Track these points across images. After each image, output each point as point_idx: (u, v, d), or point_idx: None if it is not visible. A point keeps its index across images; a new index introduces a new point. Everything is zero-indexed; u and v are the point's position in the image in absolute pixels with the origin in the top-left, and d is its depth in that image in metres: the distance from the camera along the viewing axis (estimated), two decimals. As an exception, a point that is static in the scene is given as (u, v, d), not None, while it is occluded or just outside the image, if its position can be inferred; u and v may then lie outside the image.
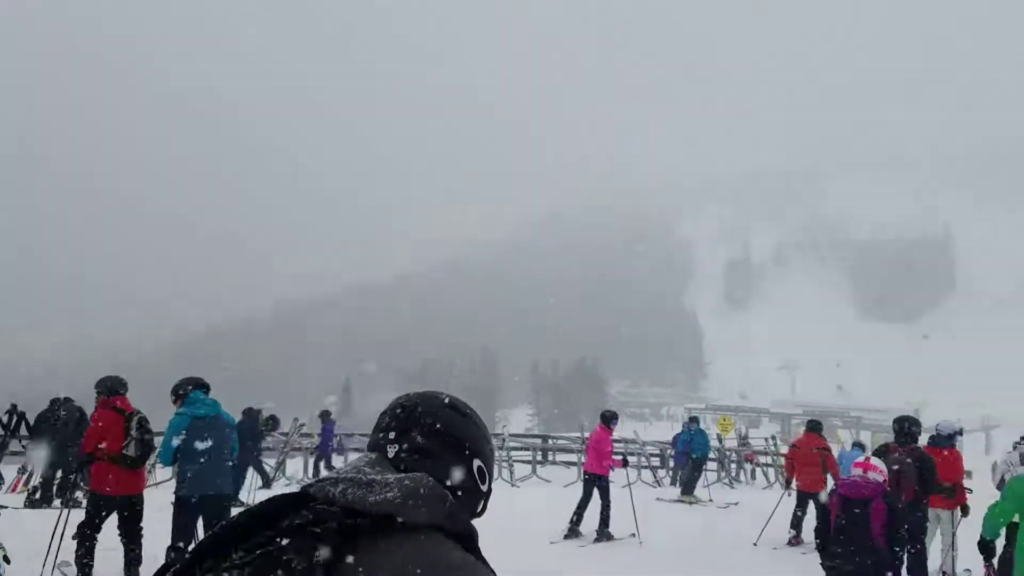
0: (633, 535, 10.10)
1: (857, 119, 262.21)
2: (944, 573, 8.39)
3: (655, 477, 19.24)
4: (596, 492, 10.20)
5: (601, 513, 10.10)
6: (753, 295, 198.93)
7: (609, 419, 10.60)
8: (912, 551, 7.20)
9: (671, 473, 19.46)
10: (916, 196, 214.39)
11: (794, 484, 10.68)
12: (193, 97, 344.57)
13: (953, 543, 7.74)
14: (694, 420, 18.69)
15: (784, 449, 17.00)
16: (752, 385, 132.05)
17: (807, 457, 10.65)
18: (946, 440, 8.70)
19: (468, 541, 1.15)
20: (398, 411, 1.35)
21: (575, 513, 10.19)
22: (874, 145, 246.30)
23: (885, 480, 5.38)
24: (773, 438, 23.77)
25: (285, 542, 1.00)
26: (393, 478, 1.14)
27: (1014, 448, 10.47)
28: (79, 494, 9.18)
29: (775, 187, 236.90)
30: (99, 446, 6.23)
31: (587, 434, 15.37)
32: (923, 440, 8.09)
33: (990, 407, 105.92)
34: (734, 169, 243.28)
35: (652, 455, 20.76)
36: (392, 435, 1.31)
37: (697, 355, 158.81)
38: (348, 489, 1.09)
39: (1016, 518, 5.33)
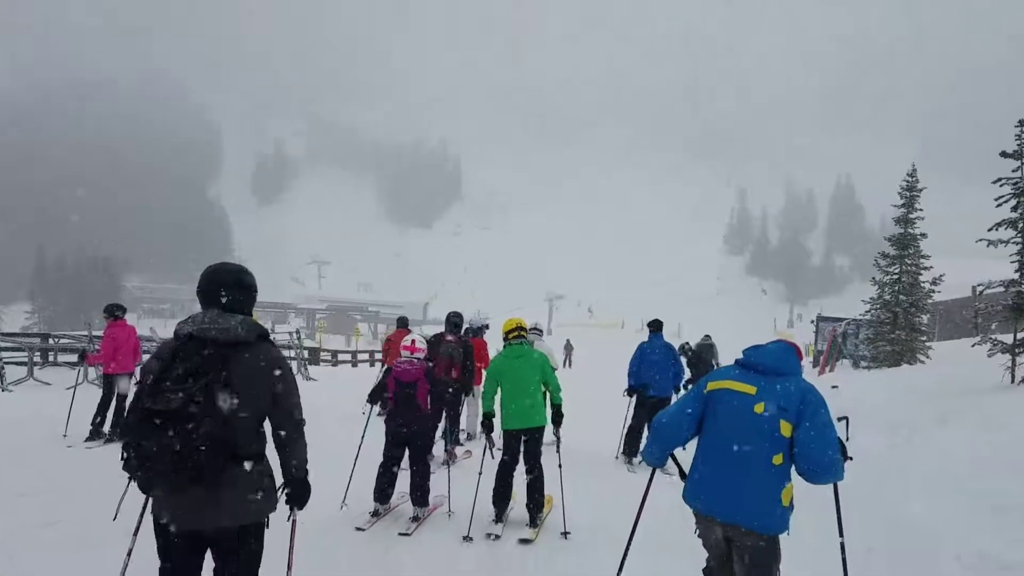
0: None
1: (364, 48, 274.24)
2: (468, 434, 11.11)
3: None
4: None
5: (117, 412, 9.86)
6: (283, 192, 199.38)
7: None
8: (453, 415, 9.44)
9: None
10: (429, 117, 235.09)
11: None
12: None
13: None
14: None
15: (308, 343, 17.99)
16: (283, 281, 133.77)
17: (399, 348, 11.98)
18: (476, 331, 10.87)
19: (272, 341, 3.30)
20: (220, 279, 3.31)
21: (96, 414, 9.89)
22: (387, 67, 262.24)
23: (424, 362, 7.00)
24: (297, 332, 24.96)
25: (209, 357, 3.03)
26: (234, 320, 3.18)
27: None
28: None
29: (299, 84, 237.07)
30: None
31: (97, 332, 14.32)
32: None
33: (482, 300, 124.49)
34: (263, 64, 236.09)
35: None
36: (223, 294, 3.24)
37: (224, 250, 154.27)
38: (214, 329, 3.11)
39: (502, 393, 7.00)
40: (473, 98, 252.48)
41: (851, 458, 3.69)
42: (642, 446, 9.41)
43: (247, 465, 3.18)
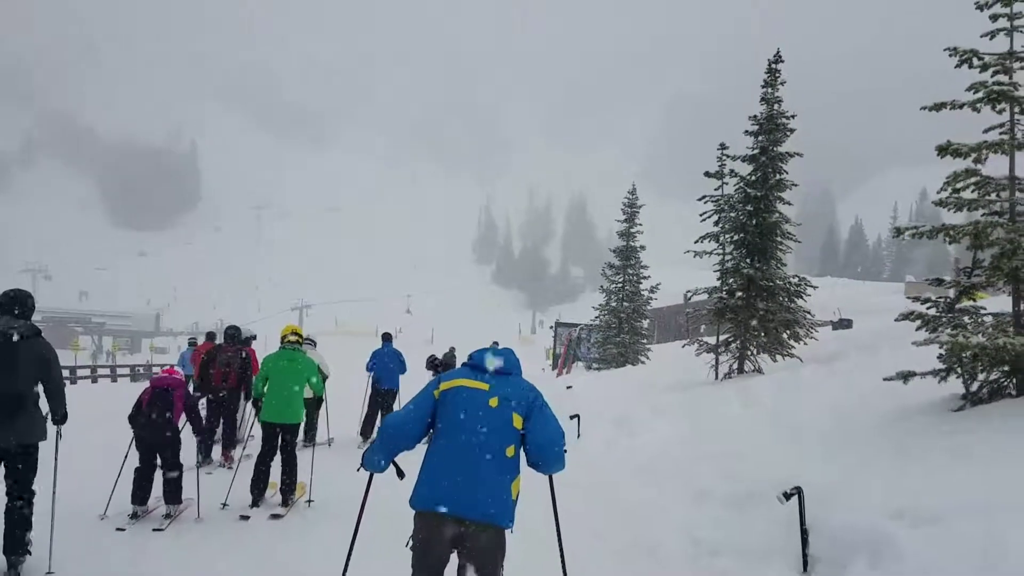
0: None
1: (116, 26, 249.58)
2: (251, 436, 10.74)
3: None
4: None
5: None
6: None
7: None
8: (230, 419, 10.12)
9: None
10: (166, 109, 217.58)
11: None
12: None
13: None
14: None
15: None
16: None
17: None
18: (245, 341, 11.10)
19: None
20: (11, 296, 5.29)
21: None
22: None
23: (181, 376, 7.55)
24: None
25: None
26: (21, 323, 5.24)
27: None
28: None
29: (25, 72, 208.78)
30: None
31: None
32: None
33: (220, 310, 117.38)
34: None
35: None
36: (15, 307, 5.25)
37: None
38: (10, 329, 5.16)
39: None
40: (216, 94, 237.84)
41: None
42: (374, 434, 10.71)
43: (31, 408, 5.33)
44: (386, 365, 12.25)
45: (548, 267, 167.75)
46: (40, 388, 5.37)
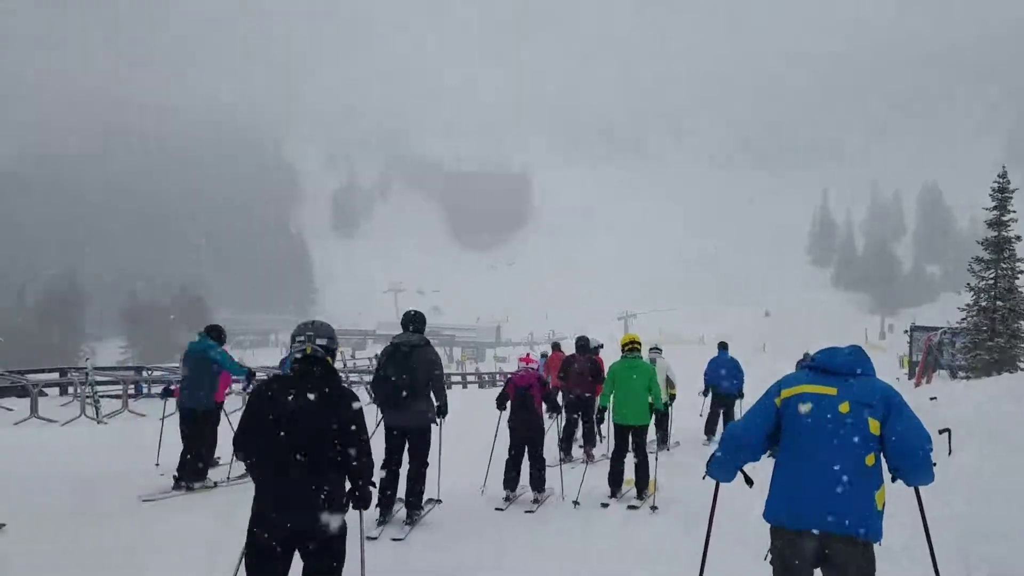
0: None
1: (447, 64, 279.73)
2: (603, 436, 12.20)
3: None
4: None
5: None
6: (359, 221, 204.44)
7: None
8: (586, 423, 11.14)
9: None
10: (497, 137, 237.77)
11: None
12: None
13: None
14: (299, 344, 18.94)
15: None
16: (361, 309, 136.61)
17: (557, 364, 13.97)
18: (594, 350, 11.98)
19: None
20: (411, 316, 7.35)
21: None
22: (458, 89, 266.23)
23: (537, 369, 8.55)
24: (376, 357, 25.37)
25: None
26: (416, 336, 7.11)
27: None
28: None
29: (377, 118, 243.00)
30: None
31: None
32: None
33: (552, 321, 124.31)
34: (332, 103, 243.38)
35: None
36: (411, 324, 7.23)
37: (306, 281, 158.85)
38: (408, 341, 7.08)
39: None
40: (539, 119, 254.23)
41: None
42: (717, 434, 12.49)
43: (423, 400, 6.97)
44: (723, 371, 13.33)
45: (898, 266, 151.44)
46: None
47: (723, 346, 13.94)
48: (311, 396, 3.65)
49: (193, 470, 8.71)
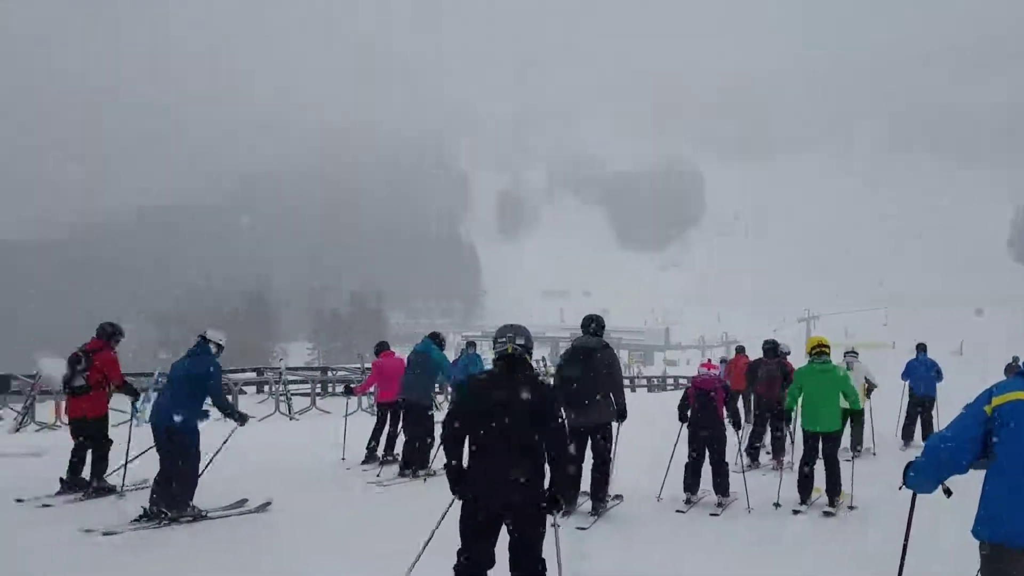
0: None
1: (613, 64, 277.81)
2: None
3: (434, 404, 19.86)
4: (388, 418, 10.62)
5: (389, 438, 10.51)
6: (524, 224, 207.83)
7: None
8: (776, 430, 10.72)
9: (449, 398, 20.15)
10: (663, 137, 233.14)
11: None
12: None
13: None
14: (471, 345, 19.25)
15: (552, 369, 18.34)
16: (524, 312, 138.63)
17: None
18: (784, 354, 11.93)
19: None
20: (590, 319, 7.57)
21: (371, 439, 10.53)
22: (628, 86, 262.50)
23: (718, 375, 8.44)
24: (543, 359, 25.61)
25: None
26: (594, 340, 7.42)
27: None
28: None
29: (544, 120, 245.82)
30: None
31: (367, 364, 15.49)
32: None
33: (724, 323, 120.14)
34: (503, 105, 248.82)
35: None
36: (591, 325, 7.44)
37: (473, 285, 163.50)
38: (588, 344, 7.32)
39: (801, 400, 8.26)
40: (708, 114, 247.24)
41: None
42: (915, 438, 12.48)
43: (604, 400, 7.24)
44: (922, 374, 13.03)
45: None
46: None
47: (922, 347, 13.68)
48: (514, 389, 4.21)
49: (420, 458, 9.62)
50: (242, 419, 7.41)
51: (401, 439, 10.21)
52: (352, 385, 12.68)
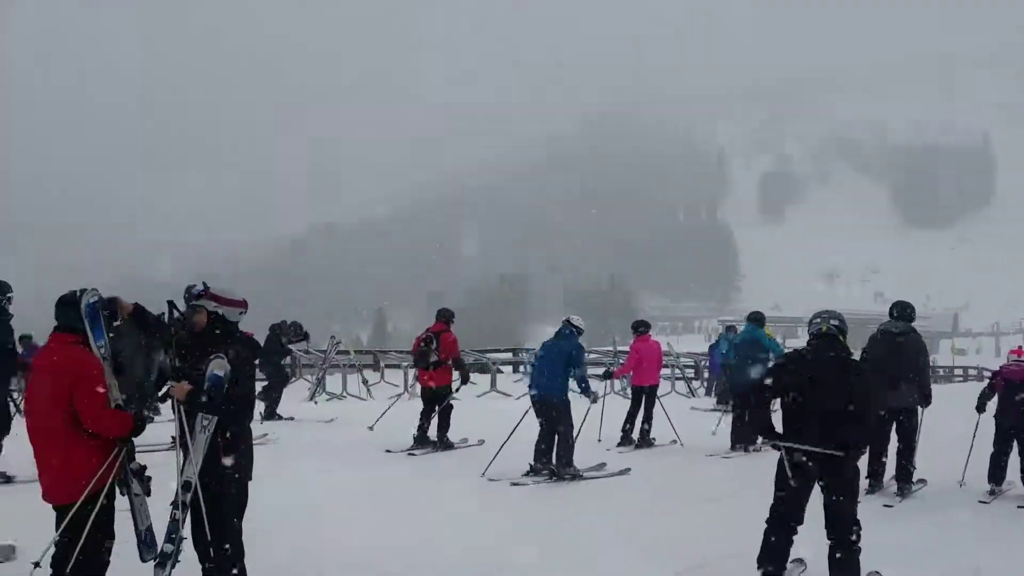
0: (674, 441, 10.49)
1: (890, 21, 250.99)
2: None
3: (689, 388, 19.19)
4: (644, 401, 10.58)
5: (644, 422, 10.45)
6: (788, 205, 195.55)
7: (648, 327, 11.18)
8: None
9: (706, 384, 19.38)
10: (952, 101, 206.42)
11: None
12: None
13: None
14: (731, 329, 18.28)
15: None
16: (788, 296, 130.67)
17: None
18: None
19: None
20: (900, 305, 7.63)
21: (625, 422, 10.50)
22: (908, 49, 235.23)
23: None
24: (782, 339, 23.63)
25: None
26: (902, 324, 7.50)
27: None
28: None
29: (807, 93, 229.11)
30: None
31: (620, 348, 15.25)
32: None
33: (1022, 310, 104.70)
34: (765, 76, 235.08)
35: (687, 367, 20.62)
36: (905, 309, 7.57)
37: (731, 268, 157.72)
38: (894, 328, 7.43)
39: None
40: (1000, 75, 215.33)
41: None
42: None
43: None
44: None
45: None
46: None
47: None
48: (829, 366, 4.62)
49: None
50: (594, 397, 8.37)
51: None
52: (612, 369, 12.83)
